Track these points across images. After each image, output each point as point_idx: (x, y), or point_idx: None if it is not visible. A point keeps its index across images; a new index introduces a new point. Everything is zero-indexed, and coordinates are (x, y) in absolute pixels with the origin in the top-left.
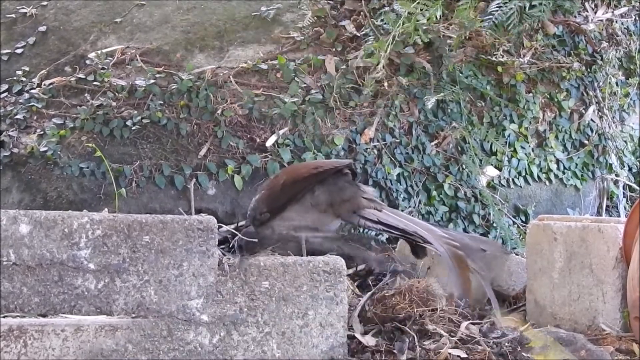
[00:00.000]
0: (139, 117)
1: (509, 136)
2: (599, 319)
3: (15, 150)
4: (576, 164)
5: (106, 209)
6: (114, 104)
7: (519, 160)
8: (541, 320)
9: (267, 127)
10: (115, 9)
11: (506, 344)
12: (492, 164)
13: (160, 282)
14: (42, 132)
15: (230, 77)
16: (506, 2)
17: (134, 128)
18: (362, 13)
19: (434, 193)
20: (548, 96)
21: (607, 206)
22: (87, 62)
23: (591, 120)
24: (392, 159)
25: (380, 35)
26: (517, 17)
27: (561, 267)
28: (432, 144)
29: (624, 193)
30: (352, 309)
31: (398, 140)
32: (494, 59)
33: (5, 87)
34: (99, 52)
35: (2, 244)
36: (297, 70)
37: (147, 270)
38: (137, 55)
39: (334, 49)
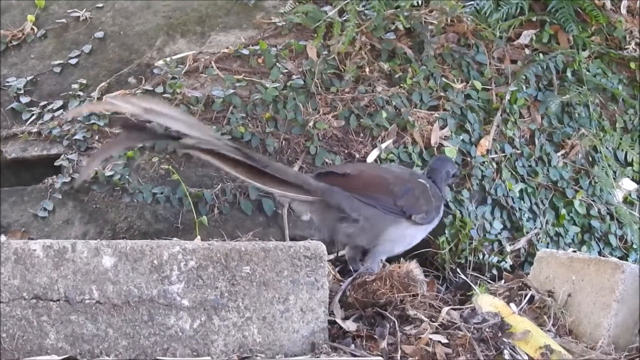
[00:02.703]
0: (219, 133)
1: None
2: None
3: (77, 176)
4: None
5: (198, 237)
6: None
7: None
8: None
9: (367, 139)
10: None
11: (487, 329)
12: (628, 176)
13: (264, 319)
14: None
15: (212, 62)
16: None
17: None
18: None
19: (563, 211)
20: None
21: None
22: (155, 71)
23: None
24: (513, 172)
25: (361, 21)
26: (494, 4)
27: None
28: (559, 154)
29: None
30: (333, 294)
31: (519, 151)
32: (625, 53)
33: (60, 103)
34: (168, 59)
35: (84, 280)
36: (279, 56)
37: (248, 306)
38: (213, 62)
39: (315, 35)
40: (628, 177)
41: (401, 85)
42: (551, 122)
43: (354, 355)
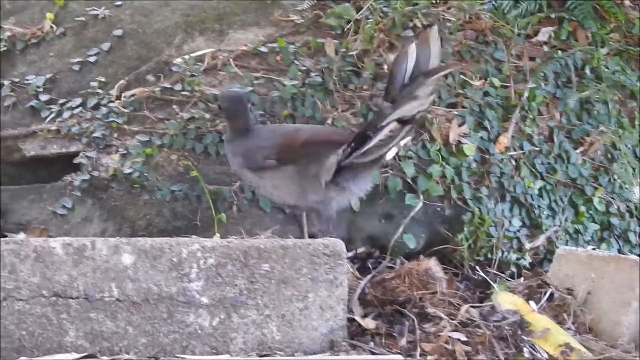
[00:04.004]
0: None
1: None
2: None
3: (95, 173)
4: None
5: (217, 234)
6: (207, 116)
7: None
8: None
9: None
10: None
11: (506, 327)
12: None
13: (283, 316)
14: (125, 152)
15: (230, 60)
16: None
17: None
18: None
19: (582, 209)
20: None
21: None
22: (173, 68)
23: None
24: (532, 170)
25: (379, 18)
26: (512, 1)
27: None
28: (578, 151)
29: None
30: (351, 291)
31: (538, 149)
32: None
33: (78, 101)
34: (186, 56)
35: (103, 278)
36: (297, 53)
37: (267, 304)
38: (231, 59)
39: (333, 32)
40: None
41: None
42: (570, 119)
43: (373, 353)
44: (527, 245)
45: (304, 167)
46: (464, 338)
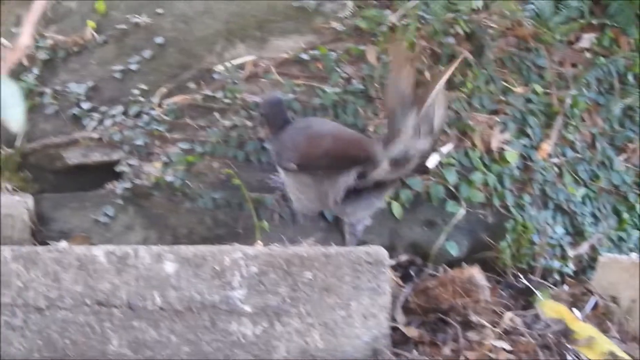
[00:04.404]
0: None
1: None
2: None
3: (137, 181)
4: None
5: (260, 242)
6: (248, 123)
7: None
8: None
9: None
10: (157, 0)
11: (550, 335)
12: None
13: (326, 325)
14: (166, 160)
15: (272, 67)
16: None
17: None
18: (402, 3)
19: (626, 216)
20: None
21: None
22: (215, 76)
23: None
24: (575, 177)
25: (421, 24)
26: (554, 7)
27: None
28: (620, 158)
29: None
30: (394, 299)
31: (580, 155)
32: None
33: (120, 108)
34: (228, 64)
35: (146, 286)
36: (338, 61)
37: (310, 312)
38: (272, 67)
39: (374, 39)
40: None
41: (461, 89)
42: (612, 126)
43: None
44: (570, 253)
45: (319, 178)
46: (507, 347)
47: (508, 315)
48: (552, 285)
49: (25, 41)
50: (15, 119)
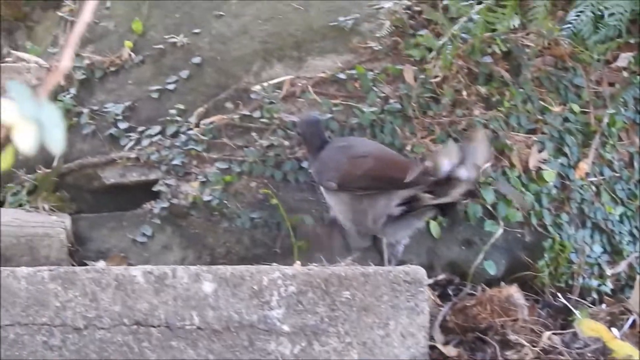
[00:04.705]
0: None
1: None
2: None
3: (175, 201)
4: None
5: (298, 262)
6: (286, 143)
7: None
8: None
9: None
10: (195, 20)
11: (589, 354)
12: None
13: (365, 344)
14: (204, 179)
15: (309, 86)
16: (582, 11)
17: (311, 170)
18: (439, 22)
19: None
20: None
21: None
22: (252, 96)
23: None
24: (613, 196)
25: (458, 44)
26: (592, 26)
27: None
28: None
29: None
30: (433, 319)
31: (618, 174)
32: None
33: (157, 128)
34: (265, 83)
35: (184, 306)
36: (375, 80)
37: (348, 331)
38: (310, 86)
39: (412, 59)
40: None
41: (498, 108)
42: None
43: None
44: (609, 272)
45: (358, 197)
46: None
47: (546, 334)
48: (590, 304)
49: (66, 63)
50: (56, 140)
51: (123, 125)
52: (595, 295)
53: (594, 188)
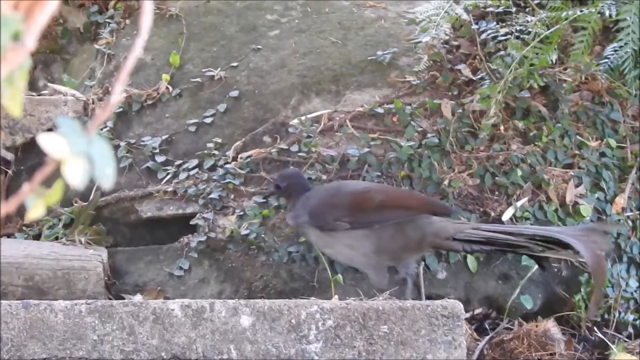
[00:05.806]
0: None
1: None
2: None
3: (212, 234)
4: None
5: (336, 296)
6: (324, 177)
7: None
8: None
9: (502, 197)
10: (232, 54)
11: None
12: None
13: None
14: (241, 213)
15: (347, 121)
16: (622, 46)
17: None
18: (477, 57)
19: None
20: None
21: None
22: (290, 129)
23: None
24: None
25: (495, 79)
26: (632, 61)
27: None
28: None
29: None
30: (470, 353)
31: None
32: None
33: (195, 162)
34: (303, 117)
35: (222, 339)
36: (413, 114)
37: None
38: (347, 120)
39: (449, 93)
40: None
41: (536, 143)
42: None
43: None
44: None
45: (377, 231)
46: None
47: None
48: (626, 339)
49: (117, 99)
50: (106, 176)
51: (160, 159)
52: (631, 330)
53: (630, 223)
